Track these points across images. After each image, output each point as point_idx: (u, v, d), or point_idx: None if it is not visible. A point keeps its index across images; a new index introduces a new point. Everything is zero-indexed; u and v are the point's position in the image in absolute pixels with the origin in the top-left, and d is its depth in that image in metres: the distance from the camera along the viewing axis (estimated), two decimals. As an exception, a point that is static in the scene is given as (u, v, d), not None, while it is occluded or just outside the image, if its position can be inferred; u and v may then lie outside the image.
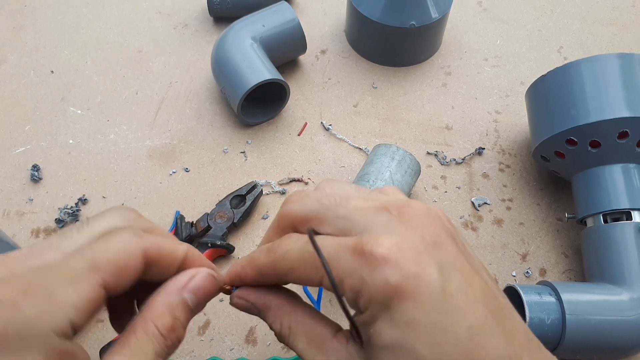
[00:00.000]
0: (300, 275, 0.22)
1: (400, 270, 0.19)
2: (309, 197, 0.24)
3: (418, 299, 0.18)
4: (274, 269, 0.23)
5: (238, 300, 0.25)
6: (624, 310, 0.41)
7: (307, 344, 0.23)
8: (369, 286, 0.19)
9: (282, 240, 0.23)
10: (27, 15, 0.71)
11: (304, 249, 0.22)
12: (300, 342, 0.23)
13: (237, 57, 0.56)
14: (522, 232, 0.54)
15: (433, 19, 0.61)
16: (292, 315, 0.24)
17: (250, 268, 0.24)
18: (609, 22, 0.72)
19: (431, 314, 0.18)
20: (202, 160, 0.58)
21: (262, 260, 0.23)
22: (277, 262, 0.23)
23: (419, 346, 0.18)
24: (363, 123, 0.61)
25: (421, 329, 0.18)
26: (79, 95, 0.63)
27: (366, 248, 0.19)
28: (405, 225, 0.20)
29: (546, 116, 0.49)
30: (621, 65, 0.46)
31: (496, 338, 0.19)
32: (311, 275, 0.22)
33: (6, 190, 0.55)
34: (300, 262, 0.22)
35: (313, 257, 0.21)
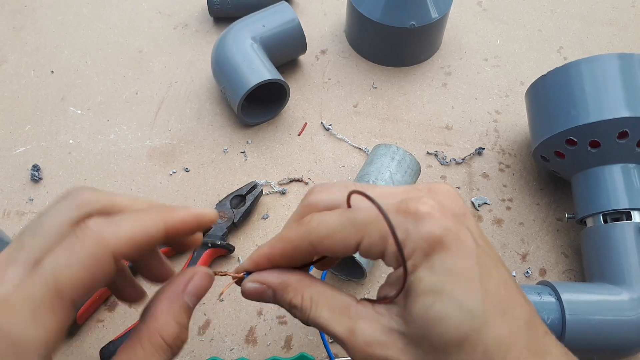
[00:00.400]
0: (338, 240, 0.22)
1: (442, 224, 0.20)
2: (334, 185, 0.24)
3: (457, 250, 0.20)
4: (308, 238, 0.23)
5: (252, 285, 0.24)
6: (624, 310, 0.41)
7: (331, 312, 0.23)
8: (413, 237, 0.20)
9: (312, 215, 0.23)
10: (27, 15, 0.71)
11: (343, 215, 0.22)
12: (324, 311, 0.23)
13: (237, 57, 0.56)
14: (522, 232, 0.54)
15: (433, 19, 0.61)
16: (313, 287, 0.24)
17: (281, 244, 0.24)
18: (609, 22, 0.72)
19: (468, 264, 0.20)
20: (202, 160, 0.58)
21: (294, 233, 0.23)
22: (311, 232, 0.23)
23: (458, 291, 0.20)
24: (363, 123, 0.61)
25: (459, 276, 0.20)
26: (79, 95, 0.63)
27: (410, 206, 0.21)
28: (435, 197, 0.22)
29: (546, 116, 0.49)
30: (621, 65, 0.46)
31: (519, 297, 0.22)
32: (350, 238, 0.22)
33: (6, 190, 0.55)
34: (339, 227, 0.22)
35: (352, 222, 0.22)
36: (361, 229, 0.22)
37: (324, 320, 0.23)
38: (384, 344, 0.22)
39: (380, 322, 0.22)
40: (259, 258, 0.24)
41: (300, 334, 0.47)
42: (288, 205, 0.55)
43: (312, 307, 0.23)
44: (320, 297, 0.23)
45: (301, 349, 0.46)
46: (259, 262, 0.24)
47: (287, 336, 0.47)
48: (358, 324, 0.22)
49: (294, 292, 0.24)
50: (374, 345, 0.22)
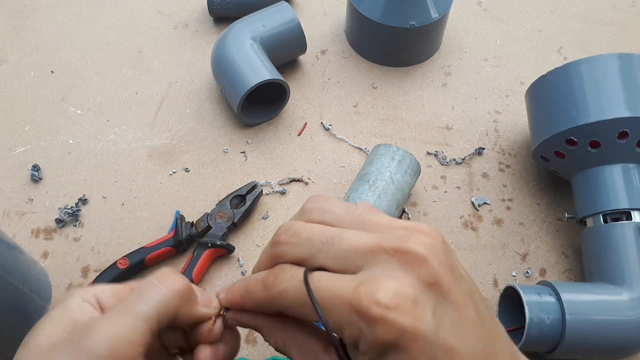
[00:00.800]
0: (299, 313, 0.23)
1: (397, 327, 0.20)
2: (300, 235, 0.24)
3: (413, 351, 0.20)
4: (272, 305, 0.24)
5: (232, 321, 0.26)
6: (624, 310, 0.41)
7: (301, 356, 0.24)
8: (367, 338, 0.20)
9: (277, 275, 0.23)
10: (27, 15, 0.71)
11: (301, 290, 0.22)
12: (295, 354, 0.25)
13: (237, 57, 0.56)
14: (522, 232, 0.54)
15: (433, 19, 0.61)
16: (284, 332, 0.25)
17: (249, 300, 0.25)
18: (609, 22, 0.72)
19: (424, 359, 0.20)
20: (202, 160, 0.58)
21: (259, 295, 0.24)
22: (274, 300, 0.23)
23: None
24: (363, 123, 0.61)
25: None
26: (79, 95, 0.63)
27: (363, 305, 0.20)
28: (403, 266, 0.21)
29: (546, 116, 0.49)
30: (621, 65, 0.46)
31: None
32: (310, 315, 0.22)
33: (6, 190, 0.55)
34: (297, 302, 0.22)
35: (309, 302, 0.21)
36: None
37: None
38: None
39: None
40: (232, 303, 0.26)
41: (300, 334, 0.47)
42: (288, 205, 0.55)
43: (286, 349, 0.25)
44: (292, 343, 0.25)
45: (301, 349, 0.46)
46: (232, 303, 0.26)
47: (287, 336, 0.47)
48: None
49: (267, 335, 0.25)
50: None
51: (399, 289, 0.20)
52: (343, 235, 0.23)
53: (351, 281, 0.21)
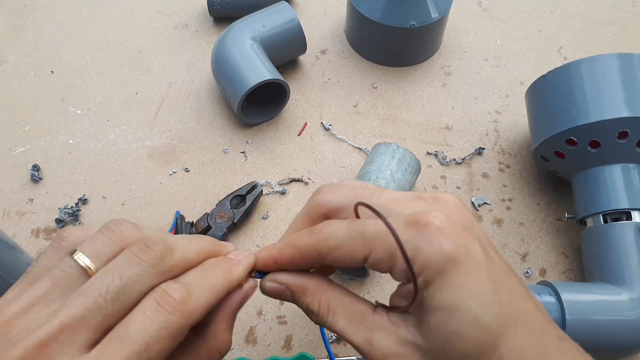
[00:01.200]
0: (346, 252, 0.22)
1: (453, 240, 0.20)
2: (342, 187, 0.24)
3: (468, 265, 0.20)
4: (317, 248, 0.23)
5: (271, 284, 0.25)
6: (624, 310, 0.41)
7: (348, 320, 0.23)
8: (424, 253, 0.20)
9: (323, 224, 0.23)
10: (27, 15, 0.71)
11: (352, 227, 0.22)
12: (340, 319, 0.23)
13: (237, 57, 0.56)
14: (522, 232, 0.54)
15: (433, 19, 0.61)
16: (330, 294, 0.24)
17: (290, 249, 0.24)
18: (609, 22, 0.72)
19: (480, 279, 0.20)
20: (202, 160, 0.58)
21: (304, 240, 0.23)
22: (321, 242, 0.23)
23: (472, 306, 0.20)
24: (363, 123, 0.61)
25: (473, 292, 0.20)
26: (79, 95, 0.63)
27: (421, 220, 0.21)
28: (442, 208, 0.22)
29: (546, 116, 0.49)
30: (621, 65, 0.46)
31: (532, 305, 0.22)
32: (357, 251, 0.22)
33: (6, 190, 0.55)
34: (347, 239, 0.22)
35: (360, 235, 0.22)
36: (369, 244, 0.22)
37: (341, 328, 0.23)
38: (401, 355, 0.22)
39: (397, 333, 0.22)
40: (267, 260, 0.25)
41: (300, 334, 0.47)
42: (288, 205, 0.55)
43: (329, 314, 0.24)
44: (337, 305, 0.24)
45: (301, 349, 0.46)
46: (267, 263, 0.25)
47: (287, 336, 0.47)
48: (375, 335, 0.23)
49: (312, 297, 0.24)
50: (391, 357, 0.22)
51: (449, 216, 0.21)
52: (383, 189, 0.24)
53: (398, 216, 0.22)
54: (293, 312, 0.48)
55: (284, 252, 0.24)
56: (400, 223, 0.21)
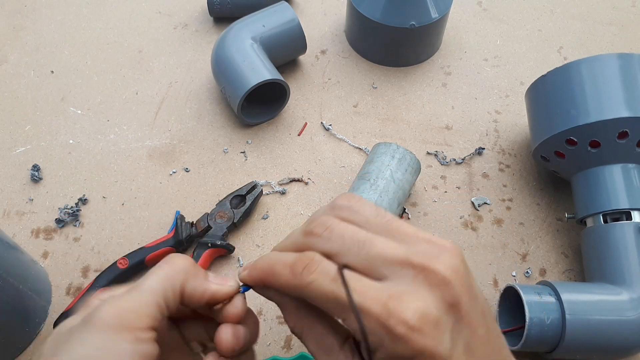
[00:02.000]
0: (324, 307, 0.24)
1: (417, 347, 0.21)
2: (333, 231, 0.24)
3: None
4: (297, 292, 0.24)
5: (259, 291, 0.27)
6: (624, 310, 0.41)
7: (316, 347, 0.25)
8: (388, 350, 0.22)
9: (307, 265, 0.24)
10: (27, 15, 0.71)
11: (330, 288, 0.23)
12: (310, 344, 0.25)
13: (237, 57, 0.56)
14: (522, 232, 0.54)
15: (433, 19, 0.61)
16: (305, 320, 0.26)
17: (273, 281, 0.25)
18: (609, 22, 0.72)
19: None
20: (202, 160, 0.58)
21: (284, 279, 0.24)
22: (300, 288, 0.24)
23: None
24: (363, 123, 0.61)
25: None
26: (79, 95, 0.63)
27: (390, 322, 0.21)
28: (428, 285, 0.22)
29: (546, 116, 0.49)
30: (621, 65, 0.46)
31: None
32: (334, 313, 0.23)
33: (6, 190, 0.55)
34: (324, 298, 0.23)
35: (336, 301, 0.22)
36: (344, 312, 0.23)
37: (311, 350, 0.25)
38: None
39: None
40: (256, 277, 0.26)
41: (300, 334, 0.47)
42: (288, 205, 0.55)
43: (303, 336, 0.26)
44: (310, 332, 0.25)
45: (301, 349, 0.46)
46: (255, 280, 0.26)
47: (287, 336, 0.47)
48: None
49: (289, 317, 0.26)
50: None
51: (425, 310, 0.21)
52: (374, 242, 0.24)
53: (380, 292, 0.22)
54: (293, 312, 0.48)
55: (268, 279, 0.25)
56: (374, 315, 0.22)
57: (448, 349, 0.22)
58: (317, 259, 0.24)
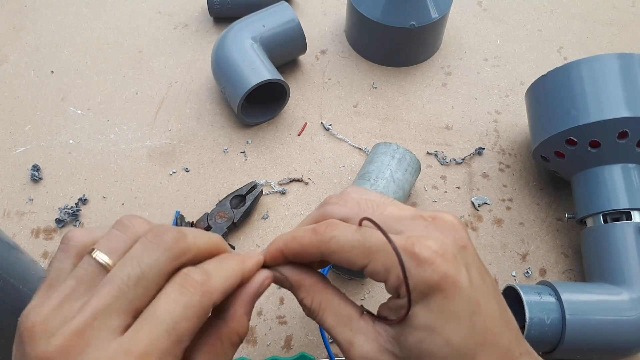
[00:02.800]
0: (346, 258, 0.24)
1: (441, 270, 0.22)
2: (348, 200, 0.26)
3: (451, 293, 0.22)
4: (319, 249, 0.25)
5: (275, 273, 0.27)
6: (624, 310, 0.41)
7: (336, 320, 0.26)
8: (414, 278, 0.23)
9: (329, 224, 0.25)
10: (27, 15, 0.71)
11: (354, 236, 0.24)
12: (329, 318, 0.26)
13: (237, 57, 0.56)
14: (522, 232, 0.54)
15: (433, 19, 0.61)
16: (323, 294, 0.26)
17: (294, 244, 0.26)
18: (609, 22, 0.72)
19: (459, 305, 0.23)
20: (202, 160, 0.58)
21: (307, 239, 0.25)
22: (323, 243, 0.25)
23: (448, 329, 0.23)
24: (363, 123, 0.61)
25: (451, 316, 0.23)
26: (79, 95, 0.63)
27: (415, 247, 0.23)
28: (440, 230, 0.24)
29: (546, 116, 0.49)
30: (621, 65, 0.46)
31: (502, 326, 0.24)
32: (357, 259, 0.24)
33: (6, 190, 0.55)
34: (347, 247, 0.24)
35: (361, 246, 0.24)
36: (368, 255, 0.24)
37: (328, 325, 0.26)
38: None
39: (378, 341, 0.25)
40: (274, 252, 0.27)
41: (300, 334, 0.47)
42: (288, 205, 0.55)
43: (320, 311, 0.26)
44: (327, 305, 0.26)
45: (301, 349, 0.46)
46: (274, 255, 0.27)
47: (287, 336, 0.47)
48: (357, 338, 0.25)
49: (306, 293, 0.26)
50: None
51: (443, 243, 0.23)
52: (386, 204, 0.26)
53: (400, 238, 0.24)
54: (293, 312, 0.48)
55: (289, 245, 0.26)
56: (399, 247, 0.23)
57: (467, 280, 0.23)
58: (337, 221, 0.25)
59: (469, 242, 0.25)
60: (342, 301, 0.26)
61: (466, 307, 0.23)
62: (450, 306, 0.23)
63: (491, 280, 0.25)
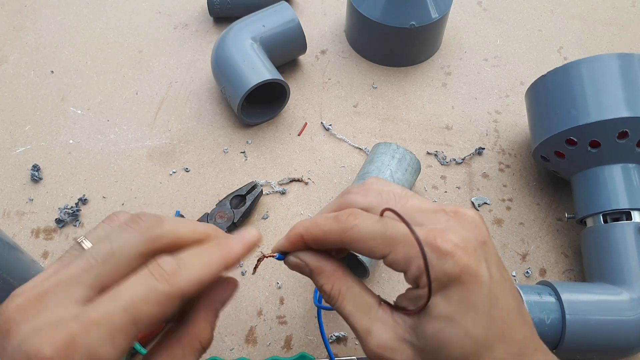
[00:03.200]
0: (367, 247, 0.25)
1: (462, 263, 0.23)
2: (370, 190, 0.27)
3: (471, 286, 0.23)
4: (340, 236, 0.25)
5: (294, 259, 0.28)
6: (624, 310, 0.41)
7: (355, 308, 0.26)
8: (435, 269, 0.23)
9: (351, 212, 0.25)
10: (27, 15, 0.71)
11: (376, 226, 0.24)
12: (348, 305, 0.26)
13: (237, 57, 0.56)
14: (522, 232, 0.54)
15: (433, 19, 0.61)
16: (343, 281, 0.27)
17: (316, 230, 0.26)
18: (609, 22, 0.72)
19: (479, 297, 0.23)
20: (202, 160, 0.58)
21: (329, 226, 0.26)
22: (344, 232, 0.25)
23: (467, 320, 0.23)
24: (363, 123, 0.61)
25: (470, 307, 0.23)
26: (79, 95, 0.63)
27: (437, 240, 0.23)
28: (461, 225, 0.25)
29: (546, 116, 0.49)
30: (621, 65, 0.46)
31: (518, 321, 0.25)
32: (378, 249, 0.24)
33: (6, 190, 0.55)
34: (369, 236, 0.24)
35: (383, 235, 0.24)
36: (389, 245, 0.24)
37: (347, 312, 0.26)
38: (395, 349, 0.25)
39: (395, 330, 0.25)
40: (295, 237, 0.27)
41: (300, 334, 0.47)
42: (288, 205, 0.55)
43: (339, 298, 0.26)
44: (347, 292, 0.26)
45: (301, 349, 0.46)
46: (294, 241, 0.27)
47: (287, 336, 0.47)
48: (375, 326, 0.25)
49: (326, 280, 0.27)
50: (385, 349, 0.25)
51: (465, 237, 0.24)
52: (408, 196, 0.26)
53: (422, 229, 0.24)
54: (293, 312, 0.48)
55: (310, 230, 0.26)
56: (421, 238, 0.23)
57: (486, 273, 0.23)
58: (359, 210, 0.25)
59: (489, 238, 0.25)
60: (362, 289, 0.27)
61: (485, 299, 0.23)
62: (470, 298, 0.23)
63: (509, 276, 0.26)
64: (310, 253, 0.27)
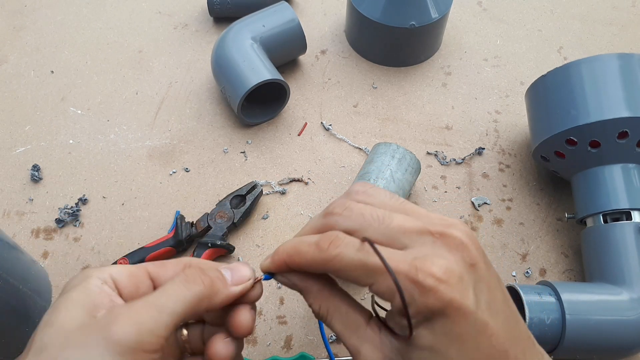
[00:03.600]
0: (350, 276, 0.24)
1: (444, 298, 0.22)
2: (353, 210, 0.26)
3: (456, 318, 0.23)
4: (323, 265, 0.25)
5: (282, 279, 0.27)
6: (624, 310, 0.41)
7: (343, 326, 0.26)
8: (417, 303, 0.23)
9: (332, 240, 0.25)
10: (27, 15, 0.71)
11: (357, 256, 0.24)
12: (336, 324, 0.26)
13: (237, 57, 0.56)
14: (522, 232, 0.54)
15: (433, 19, 0.61)
16: (330, 300, 0.26)
17: (298, 259, 0.26)
18: (609, 22, 0.72)
19: (464, 328, 0.23)
20: (202, 160, 0.58)
21: (311, 255, 0.25)
22: (327, 261, 0.25)
23: (451, 351, 0.23)
24: (363, 123, 0.61)
25: (455, 338, 0.23)
26: (79, 95, 0.63)
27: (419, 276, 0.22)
28: (448, 248, 0.24)
29: (546, 116, 0.49)
30: (621, 65, 0.46)
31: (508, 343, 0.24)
32: (360, 279, 0.24)
33: (6, 190, 0.55)
34: (351, 267, 0.24)
35: (364, 266, 0.23)
36: (372, 276, 0.24)
37: (337, 331, 0.26)
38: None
39: (383, 351, 0.25)
40: (279, 262, 0.27)
41: (300, 334, 0.47)
42: (288, 205, 0.55)
43: (328, 317, 0.26)
44: (335, 312, 0.26)
45: (301, 349, 0.46)
46: (279, 265, 0.27)
47: (287, 336, 0.47)
48: (364, 346, 0.25)
49: (314, 299, 0.27)
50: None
51: (449, 266, 0.23)
52: (392, 216, 0.25)
53: (404, 255, 0.23)
54: (293, 312, 0.48)
55: (293, 259, 0.26)
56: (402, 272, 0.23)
57: (473, 302, 0.23)
58: (341, 235, 0.25)
59: (480, 258, 0.24)
60: (350, 307, 0.26)
61: (471, 329, 0.23)
62: (454, 330, 0.23)
63: (502, 294, 0.25)
64: (296, 275, 0.27)
